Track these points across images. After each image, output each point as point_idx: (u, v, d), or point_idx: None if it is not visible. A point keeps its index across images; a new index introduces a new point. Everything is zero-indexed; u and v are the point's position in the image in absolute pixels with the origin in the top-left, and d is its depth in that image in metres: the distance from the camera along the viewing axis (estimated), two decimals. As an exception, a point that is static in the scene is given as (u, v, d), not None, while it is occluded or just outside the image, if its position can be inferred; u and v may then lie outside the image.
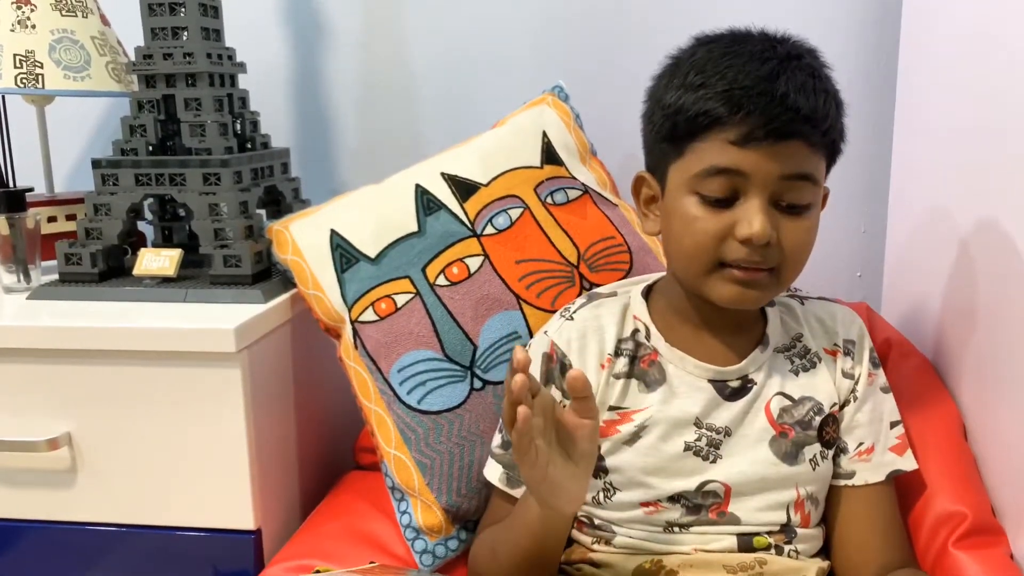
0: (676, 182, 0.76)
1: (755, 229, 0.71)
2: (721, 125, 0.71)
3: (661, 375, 0.80)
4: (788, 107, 0.70)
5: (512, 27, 1.27)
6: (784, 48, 0.74)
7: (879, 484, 0.82)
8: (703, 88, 0.72)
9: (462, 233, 0.98)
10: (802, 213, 0.74)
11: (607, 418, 0.80)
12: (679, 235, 0.76)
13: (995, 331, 0.86)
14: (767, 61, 0.72)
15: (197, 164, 1.00)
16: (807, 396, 0.81)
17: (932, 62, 1.06)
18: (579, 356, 0.81)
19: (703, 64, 0.74)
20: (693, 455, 0.78)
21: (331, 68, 1.32)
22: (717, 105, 0.71)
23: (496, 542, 0.80)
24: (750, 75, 0.71)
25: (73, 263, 1.01)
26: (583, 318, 0.84)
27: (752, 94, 0.70)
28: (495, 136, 1.07)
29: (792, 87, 0.71)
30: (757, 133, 0.70)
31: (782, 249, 0.73)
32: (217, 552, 0.93)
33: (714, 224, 0.73)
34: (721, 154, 0.72)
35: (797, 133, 0.71)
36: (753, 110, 0.70)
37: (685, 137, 0.74)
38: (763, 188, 0.72)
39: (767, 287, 0.75)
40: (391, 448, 0.91)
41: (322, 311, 0.96)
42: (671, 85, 0.75)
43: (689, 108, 0.73)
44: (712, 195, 0.73)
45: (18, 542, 0.96)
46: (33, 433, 0.91)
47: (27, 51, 1.07)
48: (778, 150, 0.71)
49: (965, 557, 0.80)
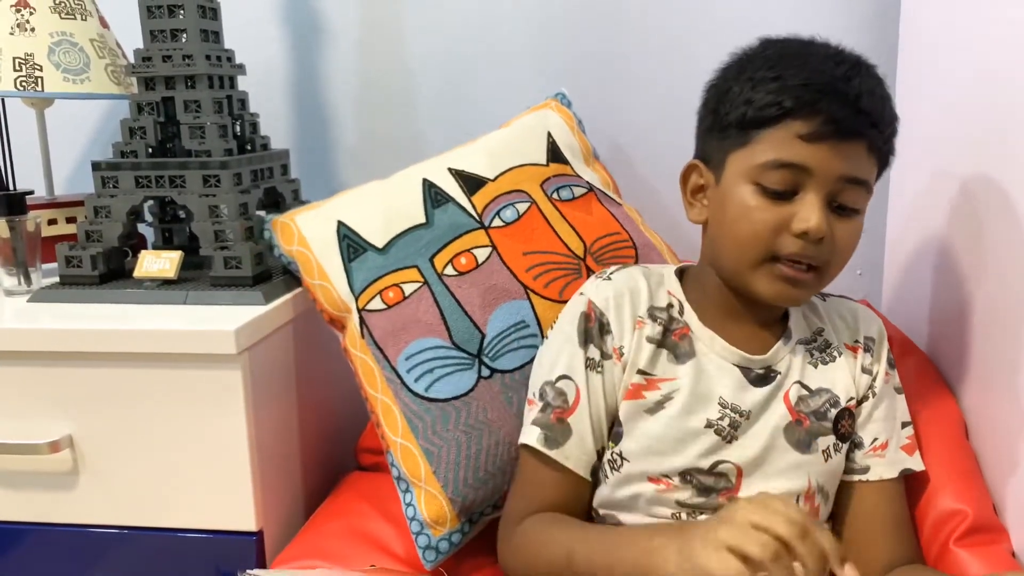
0: (736, 170, 0.77)
1: (812, 223, 0.73)
2: (792, 118, 0.73)
3: (691, 349, 0.81)
4: (860, 108, 0.73)
5: (510, 26, 1.27)
6: (852, 55, 0.77)
7: (892, 480, 0.82)
8: (778, 80, 0.74)
9: (470, 225, 0.98)
10: (852, 216, 0.76)
11: (634, 381, 0.80)
12: (734, 222, 0.77)
13: (995, 329, 0.87)
14: (840, 63, 0.74)
15: (197, 166, 1.00)
16: (824, 388, 0.82)
17: (931, 63, 1.06)
18: (616, 315, 0.82)
19: (777, 59, 0.75)
20: (713, 433, 0.79)
21: (330, 69, 1.32)
22: (791, 97, 0.73)
23: (576, 547, 0.74)
24: (825, 73, 0.73)
25: (73, 266, 1.02)
26: (621, 280, 0.84)
27: (828, 91, 0.72)
28: (501, 135, 1.08)
29: (865, 89, 0.73)
30: (827, 129, 0.72)
31: (832, 247, 0.75)
32: (219, 553, 0.93)
33: (771, 215, 0.74)
34: (788, 148, 0.73)
35: (864, 135, 0.74)
36: (827, 106, 0.72)
37: (752, 126, 0.75)
38: (823, 186, 0.74)
39: (810, 286, 0.77)
40: (397, 437, 0.91)
41: (328, 301, 0.96)
42: (741, 77, 0.77)
43: (762, 98, 0.74)
44: (773, 187, 0.74)
45: (20, 544, 0.96)
46: (35, 436, 0.91)
47: (26, 54, 1.07)
48: (842, 149, 0.73)
49: (967, 555, 0.81)
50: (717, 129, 0.79)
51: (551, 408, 0.81)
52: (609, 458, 0.81)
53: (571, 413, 0.80)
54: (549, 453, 0.80)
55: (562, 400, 0.81)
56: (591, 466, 0.81)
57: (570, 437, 0.80)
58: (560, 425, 0.80)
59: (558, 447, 0.80)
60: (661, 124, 1.25)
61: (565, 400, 0.81)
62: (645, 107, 1.26)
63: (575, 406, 0.80)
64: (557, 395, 0.81)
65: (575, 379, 0.81)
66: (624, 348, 0.81)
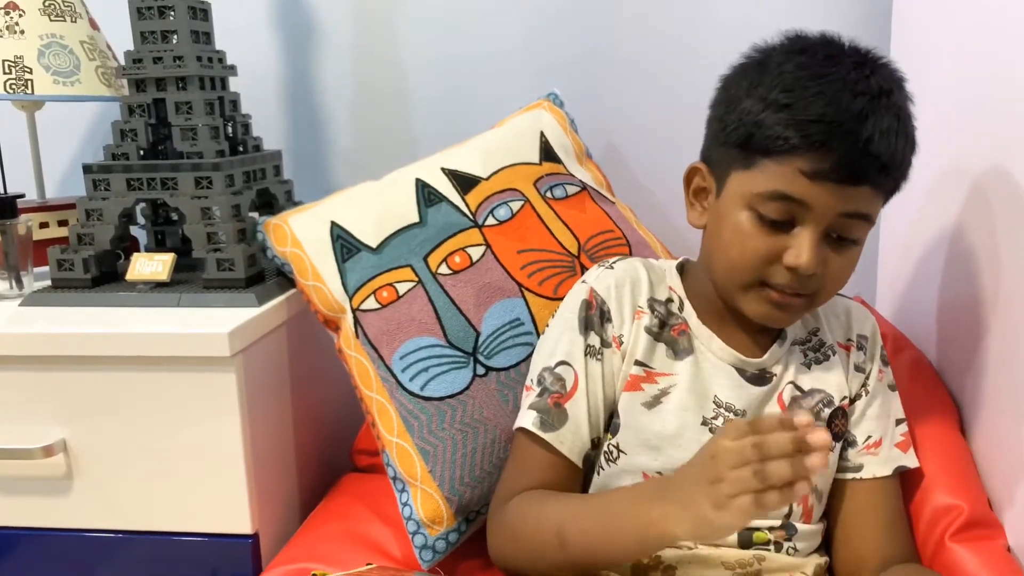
0: (736, 191, 0.75)
1: (803, 261, 0.72)
2: (797, 154, 0.70)
3: (690, 346, 0.82)
4: (869, 153, 0.70)
5: (503, 27, 1.27)
6: (877, 80, 0.72)
7: (886, 478, 0.82)
8: (789, 110, 0.71)
9: (463, 224, 0.98)
10: (850, 246, 0.75)
11: (633, 372, 0.81)
12: (727, 244, 0.76)
13: (990, 324, 0.87)
14: (859, 96, 0.70)
15: (189, 168, 1.00)
16: (817, 388, 0.82)
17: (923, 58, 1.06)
18: (617, 303, 0.82)
19: (792, 82, 0.71)
20: (708, 432, 0.79)
21: (322, 70, 1.32)
22: (797, 134, 0.70)
23: (566, 524, 0.73)
24: (840, 109, 0.70)
25: (65, 269, 1.01)
26: (623, 269, 0.85)
27: (838, 133, 0.69)
28: (493, 135, 1.08)
29: (878, 131, 0.70)
30: (832, 173, 0.70)
31: (824, 278, 0.74)
32: (215, 557, 0.93)
33: (765, 245, 0.74)
34: (790, 182, 0.71)
35: (870, 180, 0.71)
36: (835, 148, 0.69)
37: (757, 152, 0.73)
38: (820, 221, 0.72)
39: (798, 310, 0.77)
40: (393, 436, 0.91)
41: (322, 302, 0.96)
42: (754, 93, 0.73)
43: (770, 127, 0.71)
44: (770, 216, 0.73)
45: (15, 550, 0.96)
46: (28, 440, 0.90)
47: (16, 56, 1.07)
48: (846, 190, 0.71)
49: (962, 550, 0.80)
50: (722, 141, 0.77)
51: (548, 393, 0.81)
52: (606, 449, 0.81)
53: (568, 399, 0.80)
54: (544, 436, 0.80)
55: (560, 385, 0.81)
56: (584, 454, 0.81)
57: (566, 422, 0.80)
58: (556, 410, 0.80)
59: (553, 431, 0.80)
60: (654, 123, 1.25)
61: (563, 385, 0.81)
62: (638, 106, 1.26)
63: (573, 392, 0.80)
64: (555, 380, 0.81)
65: (574, 365, 0.81)
66: (624, 337, 0.81)
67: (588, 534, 0.71)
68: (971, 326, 0.91)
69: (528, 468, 0.81)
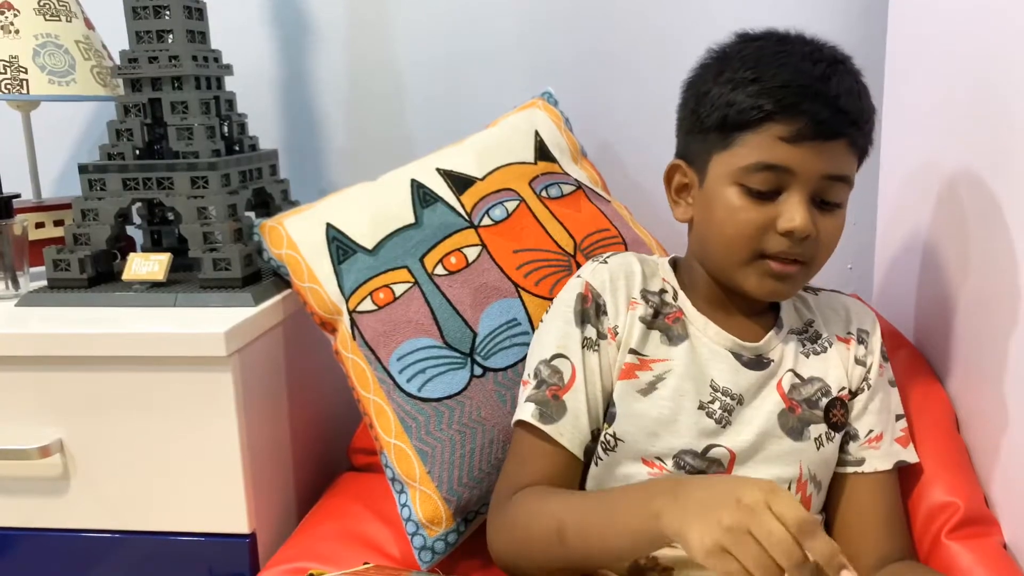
0: (719, 172, 0.78)
1: (797, 223, 0.74)
2: (773, 120, 0.74)
3: (685, 332, 0.82)
4: (840, 108, 0.74)
5: (499, 26, 1.27)
6: (829, 51, 0.78)
7: (886, 473, 0.83)
8: (756, 83, 0.75)
9: (459, 224, 0.98)
10: (835, 210, 0.78)
11: (627, 361, 0.81)
12: (720, 224, 0.78)
13: (985, 322, 0.87)
14: (818, 63, 0.75)
15: (185, 167, 1.00)
16: (816, 377, 0.83)
17: (919, 54, 1.06)
18: (612, 296, 0.83)
19: (755, 59, 0.76)
20: (706, 416, 0.79)
21: (318, 69, 1.31)
22: (771, 100, 0.74)
23: (567, 517, 0.72)
24: (804, 74, 0.74)
25: (61, 269, 1.01)
26: (616, 263, 0.85)
27: (808, 93, 0.73)
28: (488, 134, 1.08)
29: (843, 89, 0.74)
30: (808, 131, 0.73)
31: (818, 242, 0.77)
32: (212, 556, 0.93)
33: (757, 216, 0.76)
34: (771, 150, 0.74)
35: (844, 134, 0.75)
36: (807, 108, 0.73)
37: (734, 129, 0.76)
38: (806, 185, 0.75)
39: (797, 280, 0.79)
40: (391, 438, 0.91)
41: (318, 304, 0.96)
42: (720, 79, 0.77)
43: (742, 101, 0.75)
44: (757, 188, 0.76)
45: (11, 551, 0.96)
46: (24, 441, 0.90)
47: (11, 56, 1.06)
48: (824, 148, 0.74)
49: (958, 547, 0.81)
50: (698, 130, 0.80)
51: (546, 385, 0.81)
52: (603, 439, 0.81)
53: (566, 391, 0.80)
54: (544, 428, 0.79)
55: (557, 378, 0.81)
56: (584, 445, 0.81)
57: (565, 414, 0.80)
58: (555, 402, 0.80)
59: (553, 423, 0.79)
60: (649, 121, 1.25)
61: (560, 378, 0.81)
62: (633, 104, 1.26)
63: (570, 384, 0.80)
64: (552, 373, 0.81)
65: (571, 358, 0.81)
66: (618, 328, 0.82)
67: (589, 526, 0.70)
68: (967, 324, 0.91)
69: (528, 461, 0.81)
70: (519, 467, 0.81)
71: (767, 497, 0.57)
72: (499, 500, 0.81)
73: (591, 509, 0.72)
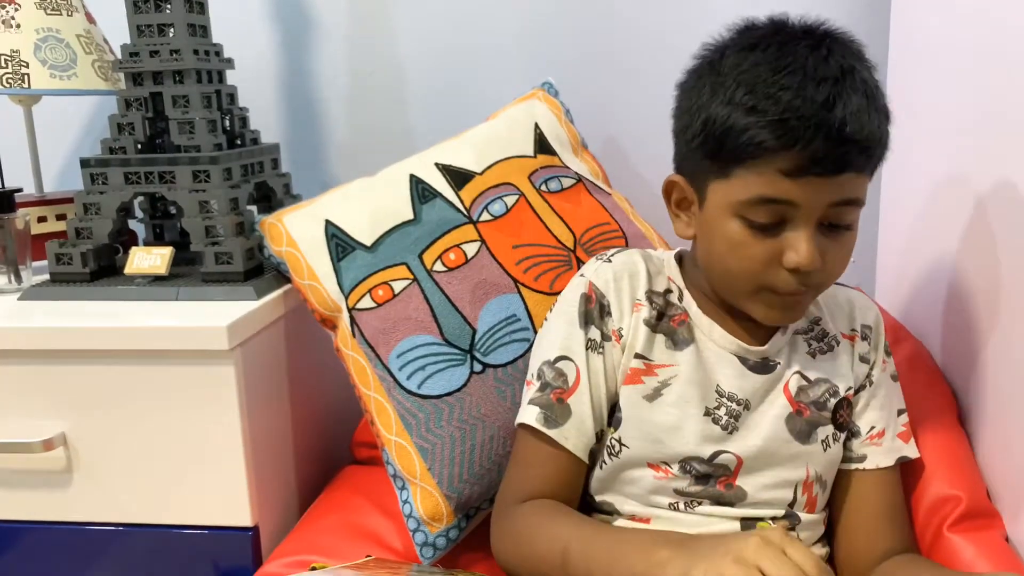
0: (719, 202, 0.74)
1: (803, 260, 0.71)
2: (773, 155, 0.69)
3: (690, 336, 0.81)
4: (845, 138, 0.68)
5: (499, 19, 1.26)
6: (836, 60, 0.70)
7: (888, 469, 0.82)
8: (755, 113, 0.69)
9: (458, 220, 0.98)
10: (844, 232, 0.74)
11: (633, 366, 0.80)
12: (722, 257, 0.75)
13: (988, 315, 0.87)
14: (822, 83, 0.68)
15: (186, 161, 1.00)
16: (823, 378, 0.82)
17: (922, 51, 1.06)
18: (616, 296, 0.81)
19: (752, 82, 0.69)
20: (712, 422, 0.79)
21: (320, 63, 1.31)
22: (771, 136, 0.68)
23: (572, 544, 0.72)
24: (806, 102, 0.67)
25: (64, 263, 1.01)
26: (621, 262, 0.84)
27: (809, 125, 0.67)
28: (487, 128, 1.08)
29: (849, 113, 0.68)
30: (812, 166, 0.68)
31: (825, 268, 0.73)
32: (215, 549, 0.93)
33: (761, 251, 0.72)
34: (773, 185, 0.69)
35: (852, 165, 0.70)
36: (809, 143, 0.67)
37: (731, 160, 0.71)
38: (811, 215, 0.71)
39: (806, 303, 0.78)
40: (392, 435, 0.91)
41: (318, 301, 0.96)
42: (716, 99, 0.71)
43: (739, 133, 0.69)
44: (759, 221, 0.72)
45: (15, 543, 0.96)
46: (28, 434, 0.91)
47: (12, 51, 1.06)
48: (830, 180, 0.69)
49: (960, 540, 0.81)
50: (694, 151, 0.75)
51: (550, 388, 0.80)
52: (608, 444, 0.80)
53: (571, 394, 0.80)
54: (548, 432, 0.79)
55: (562, 381, 0.80)
56: (589, 449, 0.80)
57: (569, 418, 0.79)
58: (560, 405, 0.79)
59: (557, 427, 0.79)
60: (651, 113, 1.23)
61: (565, 381, 0.80)
62: (635, 96, 1.25)
63: (575, 387, 0.80)
64: (557, 375, 0.80)
65: (575, 360, 0.80)
66: (623, 330, 0.81)
67: (592, 560, 0.70)
68: (970, 317, 0.91)
69: (533, 465, 0.81)
70: (524, 471, 0.81)
71: (781, 543, 0.59)
72: (504, 504, 0.81)
73: (597, 543, 0.71)
